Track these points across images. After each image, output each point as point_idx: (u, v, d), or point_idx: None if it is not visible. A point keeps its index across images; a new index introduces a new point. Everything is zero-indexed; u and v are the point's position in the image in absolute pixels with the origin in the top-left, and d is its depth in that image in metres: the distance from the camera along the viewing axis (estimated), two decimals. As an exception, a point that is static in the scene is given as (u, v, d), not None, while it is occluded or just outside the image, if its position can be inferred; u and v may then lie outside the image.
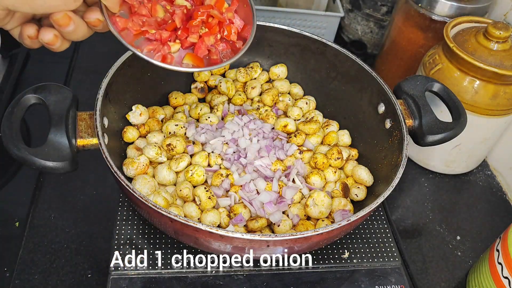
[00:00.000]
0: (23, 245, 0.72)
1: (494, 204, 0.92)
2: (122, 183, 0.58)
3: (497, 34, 0.78)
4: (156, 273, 0.65)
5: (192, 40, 0.59)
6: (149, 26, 0.56)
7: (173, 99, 0.84)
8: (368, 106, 0.80)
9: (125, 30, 0.54)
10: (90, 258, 0.72)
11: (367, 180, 0.75)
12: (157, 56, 0.56)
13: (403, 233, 0.84)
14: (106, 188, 0.81)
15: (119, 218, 0.70)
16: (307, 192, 0.73)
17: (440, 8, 0.90)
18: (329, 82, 0.87)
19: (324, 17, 1.13)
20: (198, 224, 0.54)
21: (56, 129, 0.60)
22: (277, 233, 0.66)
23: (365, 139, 0.82)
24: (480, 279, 0.70)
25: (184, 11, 0.58)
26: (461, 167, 0.95)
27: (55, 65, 1.03)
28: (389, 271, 0.69)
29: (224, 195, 0.71)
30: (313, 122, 0.81)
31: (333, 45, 0.82)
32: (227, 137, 0.77)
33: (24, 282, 0.68)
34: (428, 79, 0.76)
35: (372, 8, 1.17)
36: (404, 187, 0.92)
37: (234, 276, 0.66)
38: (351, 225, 0.60)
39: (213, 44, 0.60)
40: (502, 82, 0.79)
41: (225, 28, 0.61)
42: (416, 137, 0.73)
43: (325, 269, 0.68)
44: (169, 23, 0.58)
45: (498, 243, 0.68)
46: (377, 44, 1.22)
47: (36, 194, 0.80)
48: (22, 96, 0.62)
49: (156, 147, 0.71)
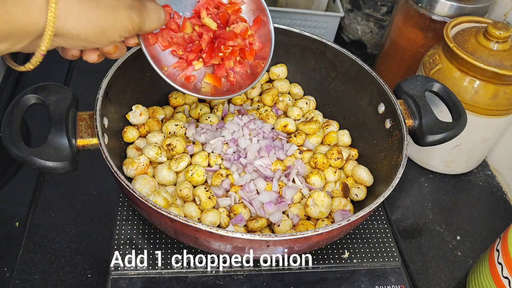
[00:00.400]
0: (23, 245, 0.72)
1: (494, 204, 0.92)
2: (122, 183, 0.58)
3: (497, 34, 0.78)
4: (156, 273, 0.65)
5: (215, 62, 0.64)
6: (177, 46, 0.61)
7: (173, 99, 0.84)
8: (368, 106, 0.80)
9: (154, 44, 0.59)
10: (90, 258, 0.72)
11: (367, 180, 0.75)
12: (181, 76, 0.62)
13: (403, 233, 0.84)
14: (106, 188, 0.81)
15: (119, 218, 0.70)
16: (307, 192, 0.73)
17: (440, 8, 0.90)
18: (329, 82, 0.87)
19: (324, 17, 1.13)
20: (198, 224, 0.54)
21: (56, 129, 0.60)
22: (277, 233, 0.66)
23: (365, 139, 0.82)
24: (480, 279, 0.70)
25: (210, 35, 0.62)
26: (461, 167, 0.95)
27: (55, 65, 1.03)
28: (389, 271, 0.69)
29: (224, 195, 0.71)
30: (313, 122, 0.81)
31: (333, 45, 0.82)
32: (227, 137, 0.77)
33: (24, 282, 0.68)
34: (428, 79, 0.76)
35: (372, 8, 1.17)
36: (404, 187, 0.92)
37: (234, 276, 0.66)
38: (351, 225, 0.60)
39: (232, 67, 0.64)
40: (502, 82, 0.79)
41: (245, 52, 0.65)
42: (416, 137, 0.73)
43: (325, 269, 0.68)
44: (196, 44, 0.62)
45: (498, 243, 0.68)
46: (377, 44, 1.22)
47: (36, 194, 0.80)
48: (22, 96, 0.62)
49: (156, 147, 0.71)
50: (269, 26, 0.65)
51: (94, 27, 0.44)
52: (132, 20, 0.48)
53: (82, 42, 0.45)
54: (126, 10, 0.46)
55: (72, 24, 0.42)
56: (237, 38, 0.62)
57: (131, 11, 0.47)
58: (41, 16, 0.40)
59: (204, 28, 0.62)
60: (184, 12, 0.62)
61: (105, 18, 0.44)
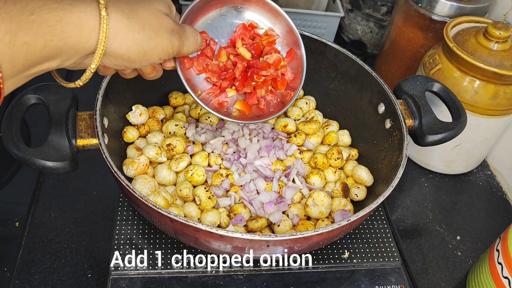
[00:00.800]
0: (23, 245, 0.72)
1: (494, 204, 0.92)
2: (122, 183, 0.57)
3: (497, 34, 0.78)
4: (156, 273, 0.65)
5: (247, 91, 0.66)
6: (212, 73, 0.64)
7: (173, 99, 0.84)
8: (368, 106, 0.80)
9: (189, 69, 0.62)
10: (90, 258, 0.72)
11: (367, 180, 0.75)
12: (214, 101, 0.65)
13: (403, 233, 0.84)
14: (106, 188, 0.81)
15: (119, 218, 0.70)
16: (307, 192, 0.72)
17: (440, 8, 0.90)
18: (329, 82, 0.87)
19: (324, 17, 1.13)
20: (198, 224, 0.54)
21: (56, 129, 0.60)
22: (277, 233, 0.66)
23: (365, 139, 0.81)
24: (480, 279, 0.70)
25: (244, 65, 0.65)
26: (461, 167, 0.95)
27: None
28: (389, 271, 0.69)
29: (224, 195, 0.71)
30: (313, 122, 0.81)
31: (333, 45, 0.82)
32: (227, 137, 0.77)
33: (24, 282, 0.68)
34: (428, 79, 0.76)
35: (372, 8, 1.17)
36: (404, 187, 0.92)
37: (234, 276, 0.66)
38: (351, 225, 0.60)
39: (263, 95, 0.67)
40: (502, 82, 0.79)
41: (277, 82, 0.67)
42: (416, 137, 0.73)
43: (325, 269, 0.68)
44: (230, 72, 0.65)
45: (498, 243, 0.68)
46: (377, 44, 1.22)
47: (36, 194, 0.80)
48: (22, 96, 0.62)
49: (156, 147, 0.71)
50: (302, 59, 0.68)
51: (137, 48, 0.46)
52: (173, 43, 0.50)
53: (124, 62, 0.48)
54: (167, 33, 0.49)
55: (118, 45, 0.45)
56: (269, 68, 0.65)
57: (172, 35, 0.50)
58: (93, 35, 0.42)
59: (238, 57, 0.65)
60: (220, 39, 0.65)
61: (149, 40, 0.47)
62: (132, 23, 0.45)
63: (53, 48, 0.40)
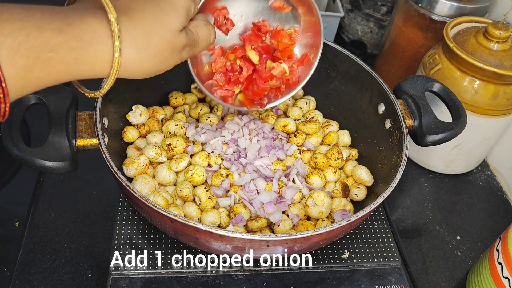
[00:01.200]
0: (23, 245, 0.72)
1: (494, 204, 0.92)
2: (122, 183, 0.58)
3: (497, 34, 0.78)
4: (156, 273, 0.65)
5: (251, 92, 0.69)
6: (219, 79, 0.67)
7: (173, 99, 0.84)
8: (368, 106, 0.80)
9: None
10: (90, 258, 0.72)
11: (367, 180, 0.75)
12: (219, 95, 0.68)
13: (403, 233, 0.84)
14: (106, 188, 0.81)
15: (119, 218, 0.70)
16: (307, 192, 0.72)
17: (440, 8, 0.90)
18: (329, 82, 0.87)
19: (324, 17, 1.12)
20: (198, 224, 0.54)
21: (56, 129, 0.60)
22: (277, 233, 0.66)
23: (365, 139, 0.81)
24: (480, 279, 0.70)
25: (249, 72, 0.67)
26: (461, 167, 0.95)
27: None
28: (389, 271, 0.69)
29: (224, 195, 0.71)
30: (313, 122, 0.81)
31: (333, 45, 0.82)
32: (227, 137, 0.77)
33: (24, 282, 0.68)
34: (428, 79, 0.76)
35: (372, 8, 1.17)
36: (404, 187, 0.92)
37: (234, 276, 0.66)
38: (351, 225, 0.60)
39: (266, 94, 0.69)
40: (502, 82, 0.79)
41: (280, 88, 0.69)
42: (416, 137, 0.73)
43: (325, 269, 0.68)
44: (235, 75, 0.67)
45: (498, 243, 0.68)
46: (377, 44, 1.22)
47: (36, 194, 0.80)
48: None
49: (156, 147, 0.71)
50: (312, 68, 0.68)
51: (146, 74, 0.47)
52: (182, 58, 0.50)
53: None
54: (178, 53, 0.49)
55: (127, 74, 0.46)
56: (272, 79, 0.66)
57: (182, 52, 0.49)
58: (104, 70, 0.44)
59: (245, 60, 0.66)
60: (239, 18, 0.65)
61: (158, 67, 0.48)
62: (142, 55, 0.45)
63: (63, 80, 0.42)
